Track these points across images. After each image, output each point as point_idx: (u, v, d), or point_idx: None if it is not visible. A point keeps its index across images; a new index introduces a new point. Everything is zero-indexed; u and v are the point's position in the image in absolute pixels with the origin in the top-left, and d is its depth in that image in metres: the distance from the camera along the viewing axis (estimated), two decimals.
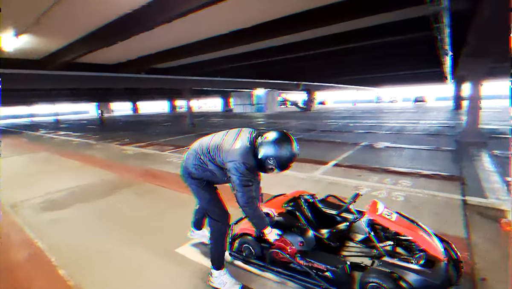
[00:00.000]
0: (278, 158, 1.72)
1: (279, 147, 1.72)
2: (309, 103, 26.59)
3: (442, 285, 1.64)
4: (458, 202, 3.32)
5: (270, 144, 1.73)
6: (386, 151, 6.58)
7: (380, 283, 1.67)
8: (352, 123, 13.31)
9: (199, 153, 1.95)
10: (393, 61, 14.92)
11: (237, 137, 1.86)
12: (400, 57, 13.53)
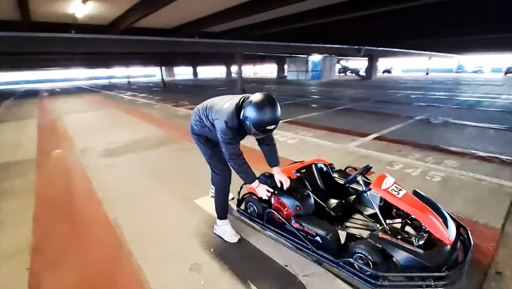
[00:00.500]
0: (253, 119, 1.70)
1: (255, 109, 1.69)
2: (370, 71, 24.11)
3: (436, 268, 1.54)
4: (509, 190, 2.85)
5: (249, 106, 1.72)
6: (444, 127, 5.79)
7: (366, 255, 1.65)
8: (415, 95, 11.82)
9: (200, 110, 2.07)
10: (479, 21, 12.27)
11: (229, 100, 1.91)
12: (489, 15, 11.03)
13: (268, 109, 1.70)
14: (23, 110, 11.26)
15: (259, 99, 1.71)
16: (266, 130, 1.74)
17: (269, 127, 1.72)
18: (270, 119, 1.70)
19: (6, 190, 3.30)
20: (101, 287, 1.77)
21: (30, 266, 1.98)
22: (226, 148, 1.86)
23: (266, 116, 1.69)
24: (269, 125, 1.72)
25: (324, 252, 1.82)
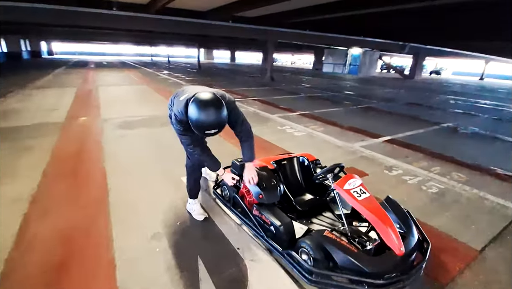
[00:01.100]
0: (193, 120, 1.60)
1: (196, 109, 1.57)
2: (414, 70, 22.36)
3: (377, 275, 1.51)
4: (493, 205, 2.60)
5: (191, 104, 1.61)
6: (469, 138, 5.30)
7: (308, 251, 1.66)
8: (456, 101, 10.83)
9: (173, 96, 2.08)
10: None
11: (190, 92, 1.79)
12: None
13: (209, 111, 1.56)
14: (68, 78, 12.36)
15: (202, 98, 1.59)
16: (205, 134, 1.62)
17: (208, 131, 1.60)
18: (209, 123, 1.58)
19: (29, 147, 3.75)
20: (75, 237, 2.00)
21: (26, 212, 2.29)
22: (180, 138, 1.91)
23: (205, 119, 1.57)
24: (208, 129, 1.59)
25: (275, 242, 1.86)
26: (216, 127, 1.60)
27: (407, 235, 1.78)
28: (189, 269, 1.75)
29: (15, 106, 6.28)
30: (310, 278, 1.58)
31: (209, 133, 1.62)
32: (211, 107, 1.58)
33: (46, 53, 37.31)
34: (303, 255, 1.70)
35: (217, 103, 1.61)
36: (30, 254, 1.83)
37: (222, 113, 1.61)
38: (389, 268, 1.55)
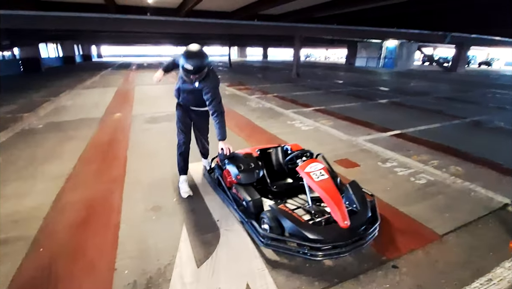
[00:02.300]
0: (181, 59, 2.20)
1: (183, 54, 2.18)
2: (456, 61, 20.57)
3: (320, 241, 1.79)
4: (495, 204, 2.61)
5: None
6: (489, 133, 5.03)
7: (266, 220, 1.98)
8: (496, 94, 9.94)
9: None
10: None
11: None
12: None
13: (189, 52, 2.17)
14: (112, 79, 13.78)
15: (188, 47, 2.23)
16: (185, 69, 2.18)
17: (187, 66, 2.16)
18: (187, 60, 2.15)
19: (72, 137, 4.52)
20: (94, 205, 2.55)
21: (62, 186, 2.91)
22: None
23: (185, 57, 2.15)
24: (187, 64, 2.15)
25: (246, 215, 2.20)
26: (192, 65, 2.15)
27: (360, 213, 2.00)
28: (174, 232, 2.17)
29: (65, 104, 7.36)
30: (263, 242, 1.90)
31: (187, 69, 2.17)
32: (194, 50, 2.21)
33: (95, 56, 41.23)
34: (264, 224, 2.01)
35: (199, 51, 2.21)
36: (61, 215, 2.40)
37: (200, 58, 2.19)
38: (331, 237, 1.80)
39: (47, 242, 2.06)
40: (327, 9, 11.68)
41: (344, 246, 1.80)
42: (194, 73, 2.21)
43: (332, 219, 1.96)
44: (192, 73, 2.21)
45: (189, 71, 2.19)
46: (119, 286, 1.67)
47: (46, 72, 17.97)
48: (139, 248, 2.00)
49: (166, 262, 1.86)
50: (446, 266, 1.86)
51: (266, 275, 1.76)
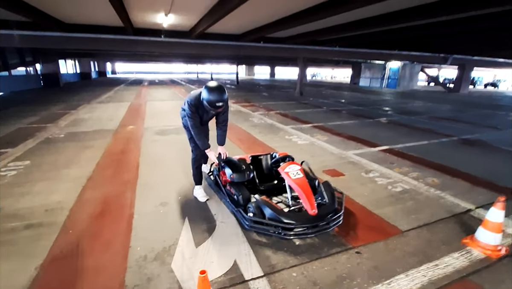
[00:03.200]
0: (206, 99, 2.49)
1: (207, 92, 2.48)
2: (459, 82, 21.00)
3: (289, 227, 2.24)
4: (459, 209, 2.96)
5: (204, 90, 2.53)
6: (476, 149, 5.36)
7: (251, 210, 2.43)
8: (489, 115, 10.26)
9: (184, 101, 2.87)
10: None
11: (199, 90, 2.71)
12: None
13: (216, 92, 2.46)
14: (125, 94, 14.65)
15: (210, 85, 2.51)
16: (216, 106, 2.49)
17: (218, 104, 2.48)
18: (217, 99, 2.46)
19: (89, 146, 5.06)
20: (111, 201, 3.01)
21: (84, 185, 3.40)
22: (188, 120, 2.71)
23: (214, 97, 2.46)
24: (218, 102, 2.48)
25: (236, 206, 2.63)
26: (222, 101, 2.48)
27: (327, 205, 2.44)
28: (178, 222, 2.60)
29: (83, 117, 8.02)
30: (247, 224, 2.34)
31: (218, 106, 2.49)
32: (219, 89, 2.50)
33: (110, 73, 43.20)
34: (250, 213, 2.45)
35: (221, 87, 2.52)
36: (84, 207, 2.87)
37: (225, 93, 2.51)
38: (300, 221, 2.24)
39: (74, 226, 2.52)
40: (330, 33, 12.38)
41: (311, 228, 2.22)
42: (222, 106, 2.56)
43: (303, 208, 2.39)
44: (221, 107, 2.56)
45: (219, 106, 2.53)
46: (133, 258, 2.10)
47: (64, 87, 19.13)
48: (149, 232, 2.43)
49: (170, 243, 2.28)
50: (402, 253, 2.23)
51: (250, 254, 2.16)
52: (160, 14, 8.50)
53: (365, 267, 2.06)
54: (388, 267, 2.07)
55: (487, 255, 2.24)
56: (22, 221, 2.58)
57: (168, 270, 1.99)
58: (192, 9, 8.32)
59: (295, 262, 2.08)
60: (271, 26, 10.78)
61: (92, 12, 8.95)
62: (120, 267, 2.02)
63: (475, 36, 13.74)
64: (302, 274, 1.97)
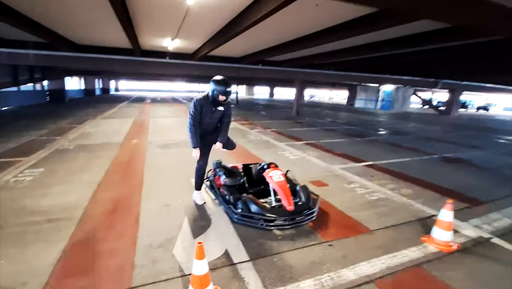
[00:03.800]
0: (217, 88, 2.95)
1: (216, 83, 2.96)
2: (450, 105, 21.87)
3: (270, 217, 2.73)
4: (425, 215, 3.39)
5: (212, 82, 2.99)
6: (453, 166, 5.83)
7: (240, 206, 2.87)
8: (474, 136, 10.82)
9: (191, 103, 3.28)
10: None
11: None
12: None
13: (222, 82, 2.97)
14: (129, 111, 15.26)
15: (217, 78, 3.01)
16: (226, 92, 2.97)
17: (228, 89, 2.98)
18: (225, 87, 2.96)
19: (98, 156, 5.52)
20: (120, 201, 3.42)
21: (95, 188, 3.82)
22: (189, 116, 3.14)
23: (222, 86, 2.96)
24: (227, 88, 2.97)
25: (227, 204, 3.07)
26: (229, 88, 2.97)
27: (303, 204, 2.89)
28: (178, 220, 3.01)
29: (90, 131, 8.53)
30: (236, 218, 2.79)
31: (228, 91, 2.97)
32: (225, 80, 3.01)
33: (113, 90, 44.34)
34: (238, 209, 2.88)
35: (227, 79, 3.00)
36: (97, 206, 3.28)
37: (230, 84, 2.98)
38: (279, 215, 2.69)
39: (89, 220, 2.93)
40: (325, 58, 13.25)
41: (288, 221, 2.67)
42: (229, 94, 3.01)
43: (283, 205, 2.84)
44: (228, 94, 3.01)
45: (227, 92, 2.98)
46: (140, 245, 2.51)
47: (69, 102, 19.82)
48: (153, 227, 2.85)
49: (172, 235, 2.69)
50: (368, 247, 2.64)
51: (239, 245, 2.57)
52: (167, 38, 9.28)
53: (335, 256, 2.47)
54: (354, 256, 2.47)
55: (439, 250, 2.65)
56: (44, 216, 2.99)
57: (170, 255, 2.39)
58: (196, 35, 9.11)
59: (276, 251, 2.48)
60: (269, 51, 11.60)
61: (104, 36, 9.74)
62: (129, 252, 2.42)
63: (463, 62, 14.60)
64: (281, 260, 2.38)
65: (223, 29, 7.90)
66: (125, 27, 7.04)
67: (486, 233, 3.03)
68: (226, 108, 3.24)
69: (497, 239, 2.92)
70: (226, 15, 6.71)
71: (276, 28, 7.89)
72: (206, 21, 7.37)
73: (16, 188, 3.77)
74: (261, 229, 2.78)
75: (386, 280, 2.18)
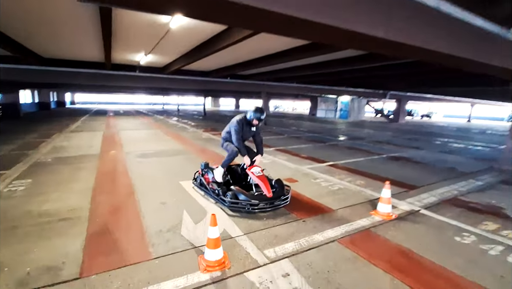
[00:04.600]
0: (254, 114, 3.92)
1: (254, 111, 3.93)
2: (398, 114, 24.79)
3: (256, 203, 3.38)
4: (373, 198, 4.34)
5: (250, 110, 3.97)
6: (397, 163, 7.08)
7: (229, 196, 3.51)
8: (416, 139, 12.70)
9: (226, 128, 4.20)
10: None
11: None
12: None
13: (259, 110, 3.95)
14: (94, 124, 14.90)
15: (256, 107, 3.98)
16: (260, 118, 3.94)
17: (262, 117, 3.96)
18: (261, 115, 3.94)
19: (82, 167, 5.73)
20: (118, 202, 3.83)
21: (92, 194, 4.16)
22: (233, 134, 3.98)
23: (259, 114, 3.93)
24: (261, 116, 3.95)
25: (217, 197, 3.70)
26: (263, 115, 3.97)
27: (277, 192, 3.63)
28: (178, 213, 3.55)
29: (62, 144, 8.45)
30: (226, 204, 3.44)
31: (262, 118, 3.95)
32: (261, 109, 4.03)
33: (69, 103, 41.75)
34: (228, 197, 3.53)
35: (262, 109, 4.06)
36: (99, 206, 3.67)
37: (264, 112, 4.00)
38: (261, 200, 3.39)
39: (98, 217, 3.34)
40: (288, 72, 14.51)
41: (268, 204, 3.40)
42: (262, 120, 4.00)
43: (263, 194, 3.55)
44: (261, 120, 4.00)
45: (261, 119, 3.98)
46: (151, 232, 3.02)
47: (24, 117, 18.56)
48: (157, 219, 3.35)
49: (176, 223, 3.24)
50: (332, 220, 3.45)
51: (234, 225, 3.20)
52: (141, 53, 9.64)
53: (308, 227, 3.22)
54: (322, 227, 3.25)
55: (383, 219, 3.55)
56: (54, 217, 3.32)
57: (179, 236, 2.94)
58: (170, 52, 9.64)
59: (263, 227, 3.17)
60: (237, 66, 12.49)
61: (77, 51, 9.77)
62: (143, 237, 2.92)
63: (402, 77, 16.94)
64: (268, 232, 3.07)
65: (196, 49, 8.58)
66: (106, 45, 7.36)
67: (416, 207, 4.04)
68: (257, 128, 4.18)
69: (424, 210, 3.94)
70: (201, 36, 7.42)
71: (243, 49, 8.81)
72: (181, 41, 7.99)
73: (12, 197, 3.96)
74: (248, 212, 3.45)
75: (345, 239, 2.99)
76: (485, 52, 4.40)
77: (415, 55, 4.70)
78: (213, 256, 2.36)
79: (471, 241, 3.09)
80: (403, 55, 5.88)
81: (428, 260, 2.66)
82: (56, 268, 2.36)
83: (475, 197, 4.60)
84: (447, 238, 3.15)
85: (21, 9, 5.45)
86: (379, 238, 3.07)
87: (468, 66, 5.01)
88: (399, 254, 2.77)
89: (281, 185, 3.88)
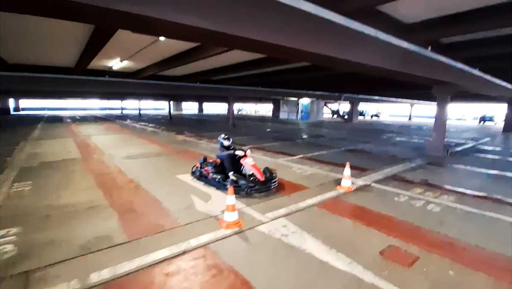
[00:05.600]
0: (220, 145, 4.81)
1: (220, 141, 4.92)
2: (351, 114, 27.58)
3: (252, 186, 4.29)
4: (337, 178, 5.54)
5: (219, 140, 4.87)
6: (352, 154, 8.54)
7: (231, 182, 4.38)
8: (366, 135, 14.70)
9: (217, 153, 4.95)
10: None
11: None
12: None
13: (226, 139, 4.92)
14: (56, 132, 14.30)
15: (222, 137, 4.95)
16: (229, 139, 5.03)
17: (230, 138, 5.02)
18: (228, 137, 5.07)
19: (72, 170, 6.04)
20: (130, 193, 4.43)
21: (101, 189, 4.67)
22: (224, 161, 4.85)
23: (226, 137, 4.97)
24: (229, 137, 5.07)
25: (217, 184, 4.55)
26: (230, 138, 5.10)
27: (268, 177, 4.60)
28: (188, 198, 4.30)
29: (35, 151, 8.37)
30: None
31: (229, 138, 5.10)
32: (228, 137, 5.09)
33: (13, 110, 37.83)
34: (228, 183, 4.40)
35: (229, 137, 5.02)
36: (115, 197, 4.26)
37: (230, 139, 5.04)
38: (256, 184, 4.33)
39: (119, 204, 3.95)
40: (254, 78, 15.65)
41: (262, 186, 4.35)
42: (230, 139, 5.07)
43: (257, 178, 4.49)
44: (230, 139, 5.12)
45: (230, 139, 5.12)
46: (172, 209, 3.76)
47: None
48: (172, 202, 4.08)
49: (189, 204, 4.01)
50: (308, 194, 4.52)
51: (237, 202, 4.07)
52: (115, 59, 9.88)
53: (291, 200, 4.24)
54: (301, 198, 4.30)
55: (345, 191, 4.72)
56: (80, 207, 3.85)
57: (196, 210, 3.74)
58: (146, 60, 10.05)
59: (260, 201, 4.11)
60: (209, 72, 13.23)
61: (46, 56, 9.62)
62: (168, 213, 3.65)
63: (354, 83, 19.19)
64: (264, 204, 4.01)
65: (171, 58, 9.20)
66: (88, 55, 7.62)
67: (368, 182, 5.32)
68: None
69: (373, 184, 5.23)
70: (178, 48, 8.12)
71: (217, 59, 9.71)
72: (159, 51, 8.56)
73: (24, 196, 4.32)
74: (246, 193, 4.34)
75: (320, 204, 4.07)
76: (411, 65, 5.91)
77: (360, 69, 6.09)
78: (232, 217, 3.23)
79: (404, 200, 4.39)
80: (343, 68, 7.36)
81: (376, 212, 3.86)
82: (108, 237, 3.02)
83: (409, 174, 6.08)
84: (388, 199, 4.42)
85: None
86: (344, 202, 4.22)
87: (399, 76, 6.56)
88: (356, 209, 3.94)
89: (270, 171, 4.84)
